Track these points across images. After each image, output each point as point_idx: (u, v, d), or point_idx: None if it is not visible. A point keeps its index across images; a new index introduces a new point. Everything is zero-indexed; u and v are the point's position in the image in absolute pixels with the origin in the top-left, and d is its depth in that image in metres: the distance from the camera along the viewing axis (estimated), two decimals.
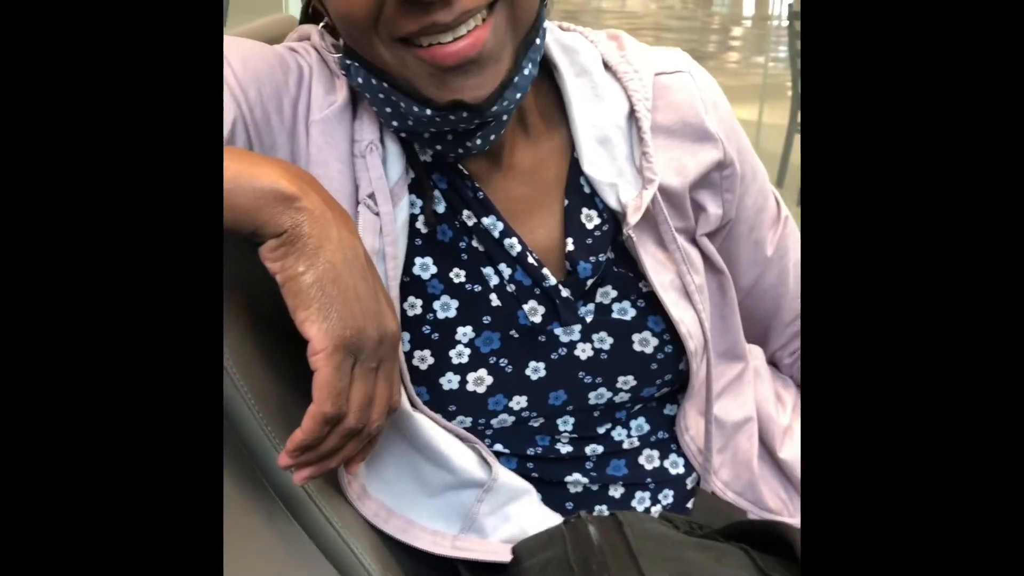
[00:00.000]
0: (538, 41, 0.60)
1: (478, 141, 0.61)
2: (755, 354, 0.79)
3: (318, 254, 0.52)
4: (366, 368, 0.54)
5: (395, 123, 0.61)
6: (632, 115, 0.67)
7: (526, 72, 0.59)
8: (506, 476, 0.66)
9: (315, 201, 0.53)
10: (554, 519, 0.66)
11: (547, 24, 0.64)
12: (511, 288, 0.66)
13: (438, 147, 0.63)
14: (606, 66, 0.68)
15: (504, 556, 0.64)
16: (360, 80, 0.60)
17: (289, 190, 0.52)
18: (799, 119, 3.39)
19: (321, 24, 0.67)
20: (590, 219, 0.67)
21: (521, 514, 0.66)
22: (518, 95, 0.59)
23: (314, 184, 0.55)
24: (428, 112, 0.58)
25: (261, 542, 0.58)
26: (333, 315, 0.52)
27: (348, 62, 0.61)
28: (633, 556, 0.49)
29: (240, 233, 0.52)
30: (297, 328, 0.52)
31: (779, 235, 0.76)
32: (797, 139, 3.38)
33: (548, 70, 0.68)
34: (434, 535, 0.66)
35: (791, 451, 0.74)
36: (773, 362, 0.84)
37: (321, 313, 0.51)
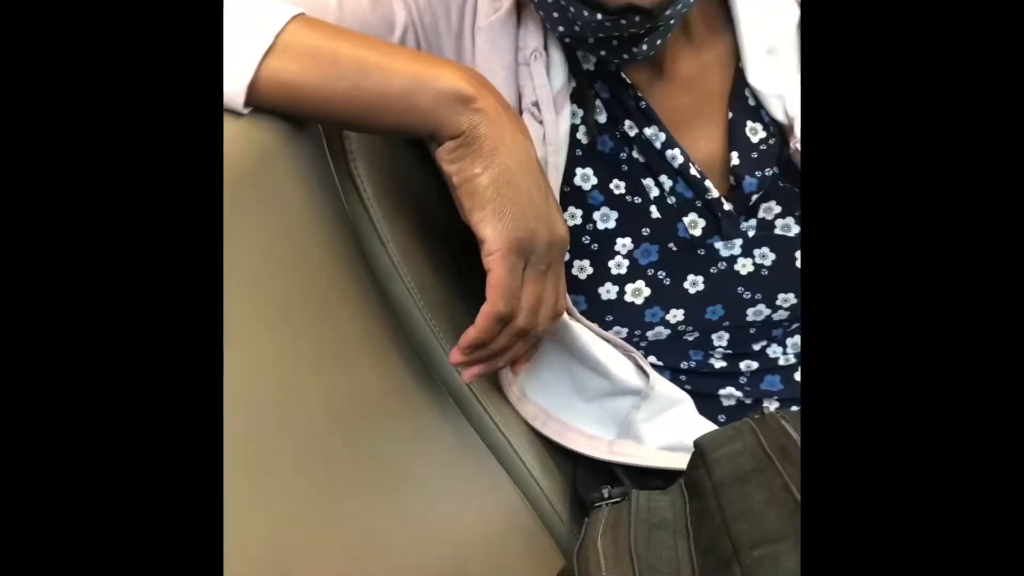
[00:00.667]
0: None
1: (644, 46, 0.60)
2: None
3: (494, 155, 0.53)
4: (537, 270, 0.55)
5: (561, 28, 0.61)
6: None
7: None
8: (662, 385, 0.67)
9: (491, 103, 0.53)
10: (711, 428, 0.67)
11: None
12: (671, 200, 0.66)
13: (602, 53, 0.62)
14: None
15: (661, 462, 0.65)
16: None
17: (468, 91, 0.52)
18: None
19: None
20: (755, 132, 0.65)
21: (677, 422, 0.66)
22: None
23: (489, 86, 0.55)
24: (599, 16, 0.57)
25: (434, 433, 0.62)
26: (507, 216, 0.52)
27: None
28: None
29: (419, 133, 0.53)
30: (471, 228, 0.53)
31: None
32: None
33: None
34: (591, 439, 0.67)
35: None
36: None
37: (496, 214, 0.52)
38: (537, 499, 0.66)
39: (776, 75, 0.64)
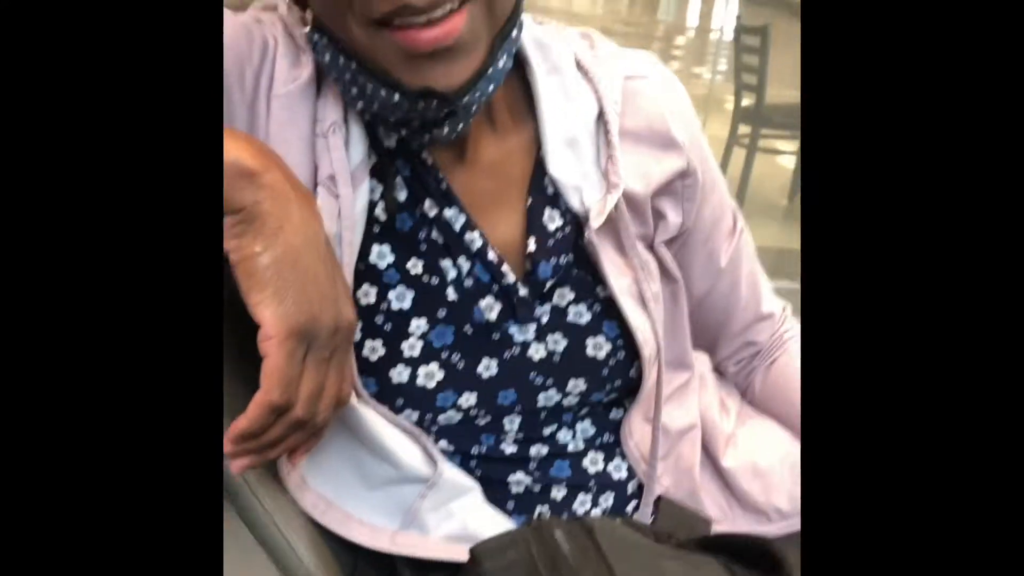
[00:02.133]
0: (515, 33, 0.59)
1: (444, 130, 0.59)
2: (701, 361, 0.80)
3: (277, 235, 0.50)
4: (319, 357, 0.52)
5: (360, 104, 0.59)
6: (601, 118, 0.66)
7: (500, 64, 0.58)
8: (451, 472, 0.65)
9: (277, 178, 0.51)
10: (498, 517, 0.65)
11: (523, 17, 0.63)
12: (469, 283, 0.65)
13: (403, 132, 0.61)
14: (578, 65, 0.68)
15: (444, 554, 0.63)
16: (327, 58, 0.58)
17: (251, 164, 0.50)
18: (739, 132, 3.47)
19: None
20: (552, 220, 0.66)
21: (465, 511, 0.65)
22: (491, 87, 0.58)
23: (277, 160, 0.53)
24: (396, 97, 0.56)
25: None
26: (288, 300, 0.50)
27: (316, 37, 0.59)
28: (607, 563, 0.48)
29: None
30: (249, 311, 0.50)
31: (734, 247, 0.77)
32: (735, 152, 3.45)
33: (519, 64, 0.67)
34: (373, 529, 0.64)
35: (734, 459, 0.75)
36: (719, 370, 0.85)
37: (276, 297, 0.50)
38: None
39: (574, 166, 0.65)
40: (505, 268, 0.65)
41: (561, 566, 0.49)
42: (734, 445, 0.76)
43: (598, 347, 0.67)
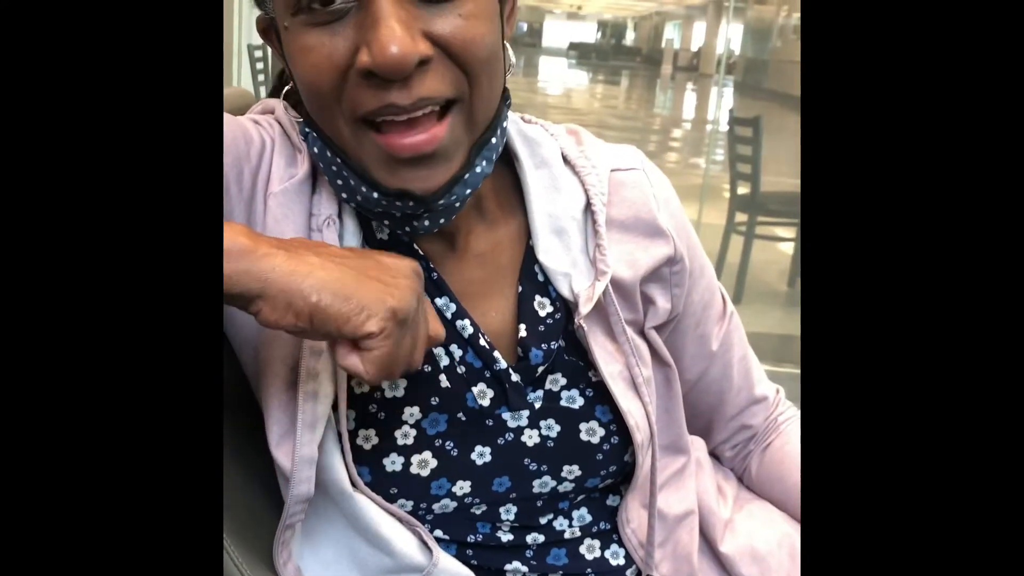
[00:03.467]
0: (494, 140, 0.61)
1: (426, 223, 0.62)
2: (697, 446, 0.80)
3: (312, 273, 0.51)
4: (415, 325, 0.54)
5: (344, 195, 0.62)
6: (588, 208, 0.69)
7: (478, 170, 0.60)
8: (447, 561, 0.64)
9: (274, 242, 0.52)
10: None
11: (510, 115, 0.66)
12: (461, 370, 0.66)
13: (386, 223, 0.63)
14: (565, 160, 0.70)
15: None
16: (316, 150, 0.61)
17: (246, 243, 0.50)
18: (736, 220, 3.52)
19: (284, 93, 0.67)
20: (543, 307, 0.68)
21: None
22: (468, 191, 0.60)
23: (268, 237, 0.53)
24: (375, 195, 0.59)
25: None
26: (364, 312, 0.51)
27: (308, 131, 0.62)
28: None
29: (244, 301, 0.51)
30: (353, 336, 0.52)
31: (724, 330, 0.78)
32: (733, 239, 3.50)
33: (509, 159, 0.69)
34: None
35: (732, 545, 0.74)
36: (715, 454, 0.85)
37: (364, 311, 0.51)
38: None
39: (563, 254, 0.67)
40: (496, 354, 0.66)
41: None
42: (732, 530, 0.75)
43: (591, 432, 0.68)
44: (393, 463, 0.64)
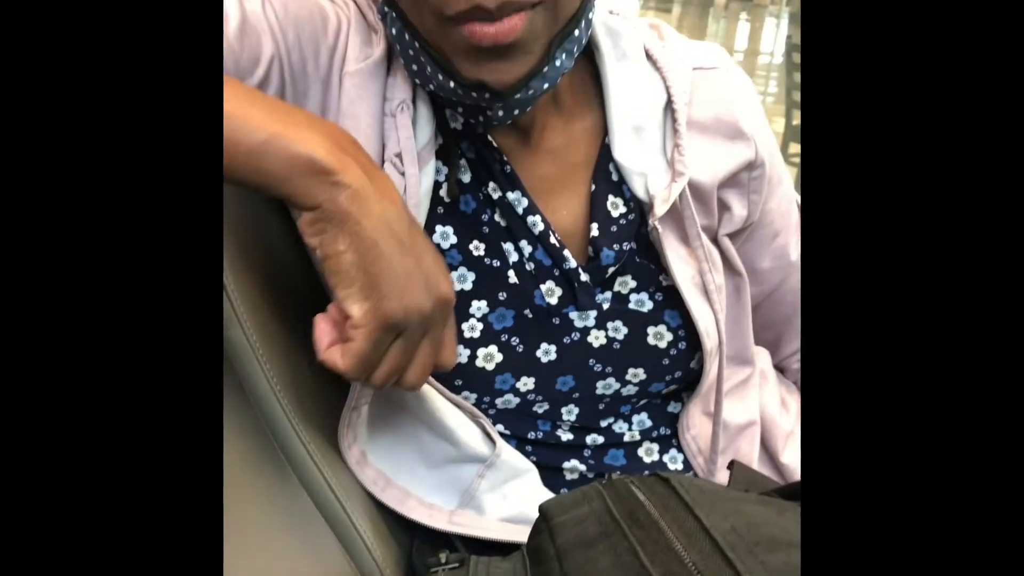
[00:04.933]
0: (577, 32, 0.59)
1: (500, 113, 0.60)
2: (762, 357, 0.79)
3: (359, 232, 0.50)
4: (409, 340, 0.52)
5: (418, 80, 0.60)
6: (669, 106, 0.66)
7: (558, 63, 0.58)
8: (509, 453, 0.65)
9: (355, 175, 0.50)
10: None
11: (598, 4, 0.64)
12: (530, 266, 0.65)
13: (460, 109, 0.62)
14: (647, 55, 0.68)
15: (502, 534, 0.62)
16: (395, 31, 0.59)
17: (326, 162, 0.49)
18: (789, 152, 3.44)
19: None
20: (616, 206, 0.66)
21: (521, 493, 0.64)
22: (545, 85, 0.58)
23: (358, 154, 0.53)
24: (451, 84, 0.57)
25: (262, 495, 0.57)
26: (375, 295, 0.50)
27: (387, 9, 0.60)
28: (689, 508, 0.47)
29: (270, 196, 0.50)
30: (337, 302, 0.51)
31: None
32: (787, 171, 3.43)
33: (590, 51, 0.67)
34: (431, 508, 0.64)
35: (792, 455, 0.74)
36: (780, 367, 0.84)
37: (362, 293, 0.50)
38: (371, 572, 0.62)
39: (640, 152, 0.65)
40: (567, 253, 0.65)
41: (640, 516, 0.48)
42: (794, 440, 0.75)
43: (659, 336, 0.67)
44: (459, 355, 0.64)
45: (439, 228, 0.64)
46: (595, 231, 0.65)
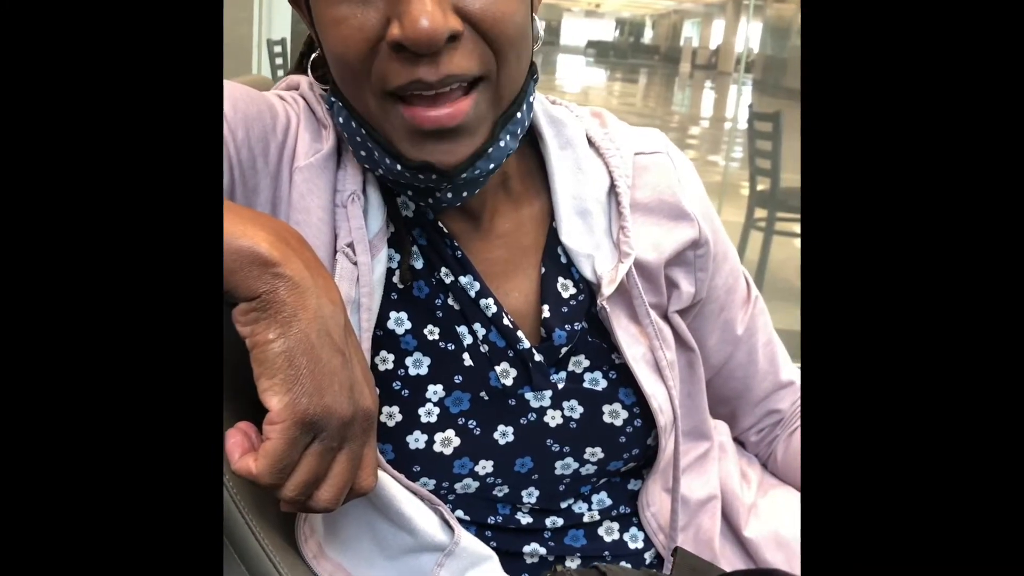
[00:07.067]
0: (519, 115, 0.61)
1: (449, 195, 0.61)
2: (720, 430, 0.79)
3: (291, 323, 0.49)
4: (324, 447, 0.50)
5: (368, 165, 0.62)
6: (612, 190, 0.68)
7: (502, 144, 0.60)
8: (468, 540, 0.64)
9: (296, 268, 0.50)
10: None
11: (537, 95, 0.66)
12: (484, 348, 0.66)
13: (409, 193, 0.63)
14: (589, 141, 0.70)
15: None
16: (341, 120, 0.61)
17: (269, 255, 0.49)
18: (754, 217, 3.50)
19: (311, 60, 0.67)
20: (566, 288, 0.68)
21: None
22: (491, 166, 0.60)
23: (302, 250, 0.52)
24: (398, 167, 0.58)
25: None
26: (297, 389, 0.48)
27: (333, 100, 0.61)
28: None
29: None
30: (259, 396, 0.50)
31: (749, 314, 0.78)
32: (752, 236, 3.48)
33: (534, 139, 0.69)
34: None
35: (756, 530, 0.74)
36: (739, 441, 0.84)
37: (285, 385, 0.48)
38: None
39: (586, 236, 0.67)
40: (520, 334, 0.66)
41: None
42: (756, 515, 0.75)
43: (614, 414, 0.67)
44: (416, 440, 0.64)
45: (393, 314, 0.65)
46: (546, 312, 0.66)
